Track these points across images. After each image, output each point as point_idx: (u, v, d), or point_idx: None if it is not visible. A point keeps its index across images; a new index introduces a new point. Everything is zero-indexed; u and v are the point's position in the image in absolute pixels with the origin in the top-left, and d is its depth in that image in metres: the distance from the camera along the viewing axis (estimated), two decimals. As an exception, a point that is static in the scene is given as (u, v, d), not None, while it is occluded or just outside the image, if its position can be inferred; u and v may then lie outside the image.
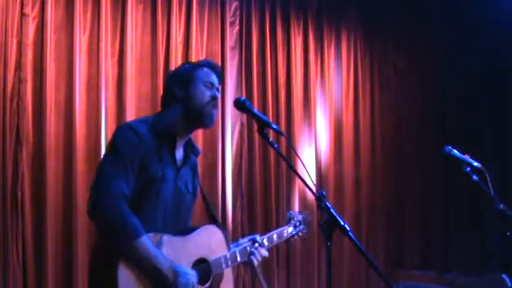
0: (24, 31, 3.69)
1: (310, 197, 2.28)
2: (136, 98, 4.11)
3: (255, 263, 2.47)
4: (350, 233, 1.87)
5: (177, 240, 2.22)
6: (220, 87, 2.41)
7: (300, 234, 2.79)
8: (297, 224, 2.77)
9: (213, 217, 2.49)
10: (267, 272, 4.53)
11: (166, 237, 2.18)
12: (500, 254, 5.51)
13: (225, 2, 4.62)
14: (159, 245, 2.14)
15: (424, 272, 4.96)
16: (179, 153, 2.35)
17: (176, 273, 2.12)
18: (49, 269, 3.64)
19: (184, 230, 2.32)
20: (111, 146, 2.23)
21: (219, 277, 2.34)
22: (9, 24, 3.62)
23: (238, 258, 2.42)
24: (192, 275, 2.16)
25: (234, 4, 4.69)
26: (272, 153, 4.71)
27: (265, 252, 2.51)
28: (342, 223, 1.89)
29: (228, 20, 4.63)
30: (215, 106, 2.33)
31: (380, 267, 1.84)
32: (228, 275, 2.40)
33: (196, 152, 2.44)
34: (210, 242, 2.34)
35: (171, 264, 2.12)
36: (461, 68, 5.77)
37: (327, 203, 1.98)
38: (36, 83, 3.72)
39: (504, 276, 3.68)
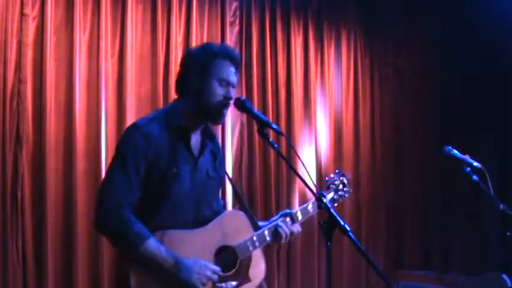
0: (24, 31, 3.69)
1: (310, 197, 2.29)
2: (136, 98, 4.10)
3: (283, 239, 2.39)
4: (350, 233, 1.87)
5: (188, 234, 2.21)
6: (236, 81, 2.31)
7: (345, 196, 2.73)
8: (339, 187, 2.70)
9: (242, 204, 2.46)
10: (267, 272, 4.52)
11: (174, 234, 2.17)
12: (500, 254, 5.51)
13: (225, 2, 4.62)
14: (167, 243, 2.14)
15: (424, 272, 4.96)
16: (195, 142, 2.31)
17: (181, 267, 2.12)
18: (49, 269, 3.64)
19: (204, 220, 2.28)
20: (117, 150, 2.24)
21: (247, 260, 2.32)
22: (9, 24, 3.62)
23: (268, 238, 2.36)
24: (202, 266, 2.15)
25: (234, 4, 4.69)
26: (272, 153, 4.71)
27: (295, 228, 2.43)
28: (342, 223, 1.89)
29: (228, 20, 4.63)
30: (227, 106, 2.26)
31: (380, 267, 1.84)
32: (258, 257, 2.36)
33: (211, 136, 2.38)
34: (231, 227, 2.30)
35: (178, 259, 2.12)
36: (461, 68, 5.77)
37: (327, 203, 1.98)
38: (36, 83, 3.72)
39: (504, 276, 3.68)
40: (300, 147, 4.96)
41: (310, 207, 2.51)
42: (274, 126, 2.15)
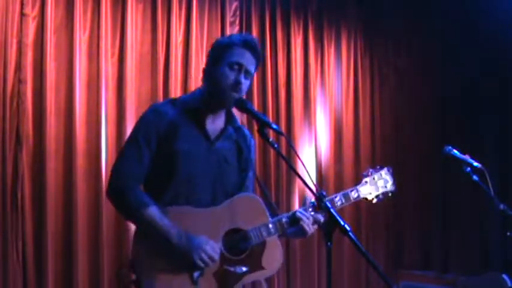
0: (24, 31, 3.69)
1: (310, 197, 2.29)
2: (136, 98, 4.10)
3: (307, 229, 2.30)
4: (350, 233, 1.87)
5: (198, 211, 2.22)
6: (254, 69, 2.32)
7: (389, 194, 2.63)
8: (377, 183, 2.60)
9: (265, 197, 2.44)
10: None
11: (183, 209, 2.21)
12: (500, 254, 5.51)
13: (225, 2, 4.62)
14: (173, 217, 2.17)
15: (424, 272, 4.96)
16: (214, 127, 2.34)
17: (183, 239, 2.15)
18: (49, 269, 3.64)
19: (216, 203, 2.28)
20: (135, 125, 2.36)
21: (261, 247, 2.26)
22: (9, 24, 3.62)
23: (285, 225, 2.30)
24: (202, 241, 2.15)
25: (234, 4, 4.69)
26: (272, 153, 4.71)
27: (319, 218, 2.33)
28: (342, 223, 1.89)
29: (228, 20, 4.63)
30: (238, 90, 2.27)
31: (380, 268, 1.84)
32: (273, 245, 2.29)
33: (235, 126, 2.40)
34: (245, 210, 2.28)
35: (179, 230, 2.16)
36: (461, 67, 5.77)
37: (327, 203, 1.98)
38: (36, 83, 3.72)
39: (504, 276, 3.68)
40: (300, 147, 4.96)
41: (337, 199, 2.42)
42: (274, 126, 2.15)
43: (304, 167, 2.25)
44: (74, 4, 3.87)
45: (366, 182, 2.56)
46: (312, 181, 2.09)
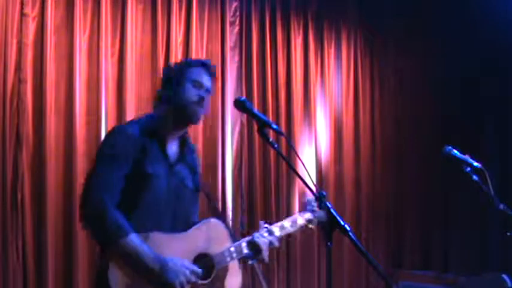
0: (24, 31, 3.69)
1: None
2: (136, 98, 4.11)
3: (263, 251, 2.38)
4: (350, 233, 1.87)
5: (170, 238, 2.24)
6: (211, 88, 2.42)
7: (320, 219, 2.63)
8: (315, 209, 2.64)
9: (214, 210, 2.51)
10: (267, 272, 4.53)
11: (156, 236, 2.21)
12: (500, 254, 5.50)
13: (225, 2, 4.62)
14: (148, 242, 2.16)
15: (424, 272, 4.96)
16: (172, 150, 2.38)
17: (164, 264, 2.15)
18: (49, 269, 3.64)
19: (184, 226, 2.32)
20: (98, 150, 2.33)
21: (224, 271, 2.33)
22: (9, 24, 3.62)
23: (245, 250, 2.38)
24: (181, 265, 2.17)
25: (234, 4, 4.69)
26: (272, 153, 4.71)
27: (274, 241, 2.43)
28: (342, 223, 1.89)
29: (228, 20, 4.63)
30: (201, 106, 2.35)
31: (380, 267, 1.84)
32: (234, 268, 2.38)
33: (190, 151, 2.46)
34: (211, 236, 2.33)
35: (159, 257, 2.15)
36: (461, 68, 5.77)
37: (327, 203, 1.98)
38: (36, 83, 3.73)
39: (504, 276, 3.68)
40: (300, 147, 4.96)
41: (287, 224, 2.51)
42: (274, 126, 2.15)
43: (304, 167, 2.26)
44: (74, 4, 3.87)
45: (307, 209, 2.63)
46: (312, 181, 2.09)
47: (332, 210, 1.93)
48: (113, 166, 2.22)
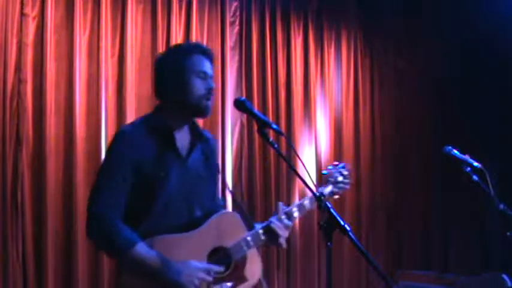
0: (24, 31, 3.69)
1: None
2: (136, 98, 4.10)
3: (280, 237, 2.33)
4: (350, 233, 1.87)
5: (181, 239, 2.20)
6: (213, 72, 2.33)
7: (346, 188, 2.62)
8: (338, 179, 2.59)
9: (238, 207, 2.46)
10: (267, 272, 4.53)
11: (166, 239, 2.17)
12: (500, 254, 5.50)
13: (225, 2, 4.62)
14: (158, 248, 2.13)
15: (424, 272, 4.95)
16: (183, 143, 2.30)
17: (175, 270, 2.12)
18: (49, 269, 3.64)
19: (197, 221, 2.26)
20: (104, 159, 2.29)
21: (243, 260, 2.29)
22: (9, 24, 3.62)
23: (262, 237, 2.32)
24: (192, 267, 2.14)
25: (234, 4, 4.69)
26: (272, 153, 4.71)
27: (290, 223, 2.36)
28: (342, 223, 1.89)
29: (228, 20, 4.63)
30: (210, 97, 2.28)
31: (380, 267, 1.84)
32: (253, 256, 2.33)
33: (201, 136, 2.37)
34: (224, 228, 2.28)
35: (169, 263, 2.12)
36: (462, 68, 5.77)
37: (327, 203, 1.98)
38: (36, 83, 3.72)
39: (504, 276, 3.67)
40: (300, 147, 4.96)
41: (306, 202, 2.45)
42: (274, 126, 2.14)
43: (304, 167, 2.25)
44: (74, 4, 3.87)
45: (329, 181, 2.59)
46: (312, 181, 2.09)
47: (332, 210, 1.93)
48: (115, 176, 2.17)
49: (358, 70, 5.43)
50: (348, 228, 1.88)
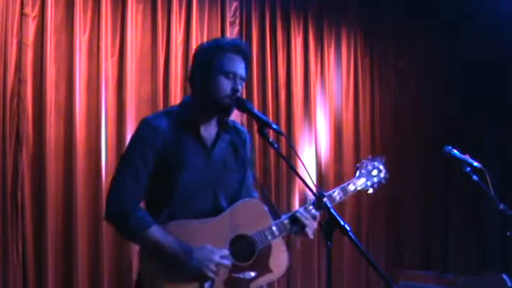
0: (24, 31, 3.69)
1: (310, 197, 2.27)
2: (136, 98, 4.11)
3: (308, 227, 2.28)
4: (350, 233, 1.87)
5: (200, 225, 2.19)
6: (246, 72, 2.29)
7: (382, 182, 2.57)
8: (373, 172, 2.55)
9: (266, 199, 2.43)
10: (267, 272, 4.52)
11: (185, 224, 2.17)
12: (500, 254, 5.51)
13: (225, 2, 4.62)
14: (176, 233, 2.14)
15: (424, 272, 4.95)
16: (209, 134, 2.30)
17: (189, 254, 2.12)
18: (49, 269, 3.64)
19: (220, 212, 2.24)
20: (128, 145, 2.31)
21: (267, 250, 2.26)
22: (9, 24, 3.62)
23: (288, 226, 2.28)
24: (208, 252, 2.13)
25: (234, 4, 4.69)
26: (272, 153, 4.71)
27: (317, 213, 2.29)
28: (342, 223, 1.88)
29: (228, 20, 4.63)
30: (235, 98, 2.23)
31: (380, 267, 1.84)
32: (278, 247, 2.29)
33: (228, 128, 2.35)
34: (248, 216, 2.25)
35: (184, 247, 2.13)
36: (462, 68, 5.77)
37: (327, 203, 1.98)
38: (36, 83, 3.72)
39: (504, 276, 3.67)
40: (300, 147, 4.96)
41: (336, 194, 2.41)
42: (274, 126, 2.14)
43: (304, 167, 2.25)
44: (74, 4, 3.87)
45: (362, 173, 2.54)
46: (312, 181, 2.09)
47: (332, 210, 1.93)
48: (136, 163, 2.19)
49: (358, 70, 5.43)
50: (348, 228, 1.87)
